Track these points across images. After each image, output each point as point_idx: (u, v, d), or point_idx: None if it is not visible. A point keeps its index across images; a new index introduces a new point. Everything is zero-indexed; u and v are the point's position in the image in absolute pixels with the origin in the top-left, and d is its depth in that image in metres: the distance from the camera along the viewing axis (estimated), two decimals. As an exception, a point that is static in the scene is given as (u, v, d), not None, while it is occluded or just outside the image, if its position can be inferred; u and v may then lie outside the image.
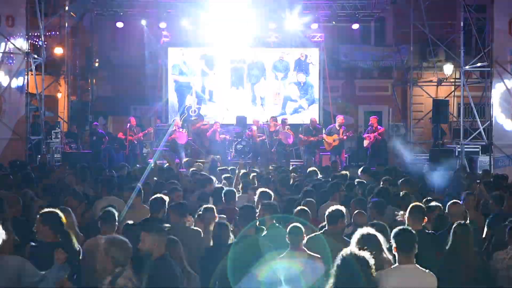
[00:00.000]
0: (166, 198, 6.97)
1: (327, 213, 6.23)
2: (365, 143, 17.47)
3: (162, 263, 4.77)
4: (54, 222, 5.34)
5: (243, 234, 5.94)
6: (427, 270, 4.82)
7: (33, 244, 5.41)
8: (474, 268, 5.56)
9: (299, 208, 6.83)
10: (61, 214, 5.51)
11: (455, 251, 5.60)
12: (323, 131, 17.70)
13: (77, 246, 5.50)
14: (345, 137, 17.13)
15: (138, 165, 13.42)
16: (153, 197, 7.05)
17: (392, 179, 9.63)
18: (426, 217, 6.36)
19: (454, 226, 5.75)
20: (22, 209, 6.96)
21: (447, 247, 5.64)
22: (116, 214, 6.15)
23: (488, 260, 5.90)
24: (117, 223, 6.11)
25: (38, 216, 5.45)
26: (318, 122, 18.63)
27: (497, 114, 15.28)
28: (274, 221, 6.53)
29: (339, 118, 17.65)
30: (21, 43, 15.52)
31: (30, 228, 6.14)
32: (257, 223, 6.31)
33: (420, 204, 6.54)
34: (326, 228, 6.20)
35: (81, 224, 6.67)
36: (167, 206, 6.83)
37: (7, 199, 6.79)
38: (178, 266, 4.94)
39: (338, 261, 4.29)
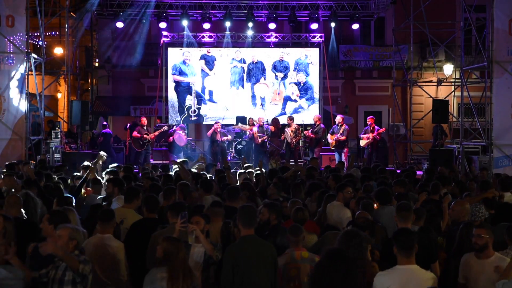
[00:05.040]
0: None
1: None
2: (362, 143, 17.63)
3: None
4: (60, 221, 5.39)
5: None
6: (427, 271, 4.82)
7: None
8: None
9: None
10: (66, 213, 5.67)
11: (461, 251, 5.64)
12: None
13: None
14: (343, 138, 17.11)
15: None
16: (146, 196, 7.03)
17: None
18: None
19: (461, 226, 5.77)
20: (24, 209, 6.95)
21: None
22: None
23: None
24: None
25: (46, 215, 5.58)
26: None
27: (497, 114, 15.26)
28: None
29: (337, 118, 17.69)
30: (21, 43, 15.52)
31: (32, 228, 6.14)
32: None
33: (408, 202, 6.43)
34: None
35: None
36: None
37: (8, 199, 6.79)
38: None
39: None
